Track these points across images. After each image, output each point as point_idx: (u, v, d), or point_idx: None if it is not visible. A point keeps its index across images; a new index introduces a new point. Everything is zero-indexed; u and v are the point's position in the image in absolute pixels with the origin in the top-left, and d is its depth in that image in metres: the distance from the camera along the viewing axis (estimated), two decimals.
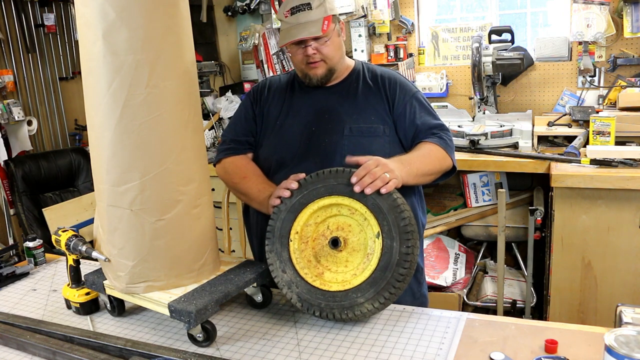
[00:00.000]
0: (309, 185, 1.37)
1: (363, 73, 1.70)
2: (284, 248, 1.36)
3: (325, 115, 1.65)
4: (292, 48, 1.62)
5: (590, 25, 3.01)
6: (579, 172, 2.40)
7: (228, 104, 3.87)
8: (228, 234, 2.67)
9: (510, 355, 1.16)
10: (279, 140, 1.67)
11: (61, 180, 3.33)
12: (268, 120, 1.71)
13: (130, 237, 1.31)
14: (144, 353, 1.22)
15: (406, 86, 1.68)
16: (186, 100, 1.32)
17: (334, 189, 1.35)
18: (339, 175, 1.35)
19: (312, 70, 1.62)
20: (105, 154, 1.27)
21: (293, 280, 1.34)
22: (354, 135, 1.60)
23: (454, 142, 1.67)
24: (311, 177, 1.38)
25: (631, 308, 1.19)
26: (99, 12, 1.19)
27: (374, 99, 1.65)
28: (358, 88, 1.67)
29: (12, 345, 1.34)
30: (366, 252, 1.33)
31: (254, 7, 3.95)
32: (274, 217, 1.39)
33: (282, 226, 1.37)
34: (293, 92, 1.72)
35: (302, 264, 1.36)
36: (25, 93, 3.44)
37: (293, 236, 1.36)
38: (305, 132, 1.64)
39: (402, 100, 1.64)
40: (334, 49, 1.62)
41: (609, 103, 3.03)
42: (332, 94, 1.67)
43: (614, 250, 2.41)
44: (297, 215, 1.37)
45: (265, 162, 1.68)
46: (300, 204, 1.37)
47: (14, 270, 1.75)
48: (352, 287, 1.30)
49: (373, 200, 1.31)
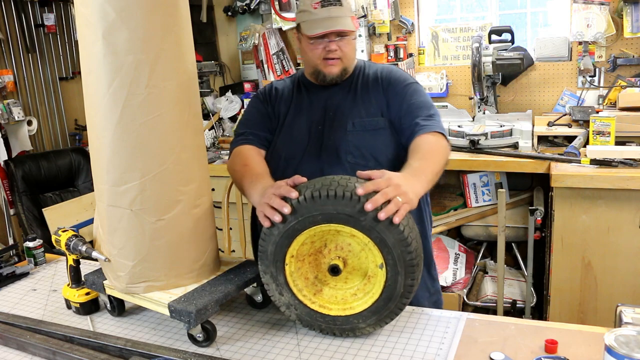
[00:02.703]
0: (303, 211, 1.20)
1: (362, 70, 1.71)
2: (280, 272, 1.27)
3: (330, 112, 1.65)
4: (312, 42, 1.59)
5: (590, 25, 3.01)
6: (579, 172, 2.40)
7: (228, 104, 3.87)
8: (228, 234, 2.67)
9: (510, 355, 1.16)
10: (288, 138, 1.67)
11: (61, 180, 3.33)
12: (278, 119, 1.71)
13: (130, 237, 1.31)
14: (144, 353, 1.22)
15: (401, 76, 1.68)
16: (186, 100, 1.32)
17: (332, 218, 1.20)
18: (339, 202, 1.17)
19: (328, 68, 1.61)
20: (105, 154, 1.27)
21: (291, 302, 1.29)
22: (357, 130, 1.60)
23: (451, 142, 1.67)
24: (306, 199, 1.19)
25: (631, 308, 1.19)
26: (99, 12, 1.18)
27: (372, 92, 1.65)
28: (358, 83, 1.68)
29: (12, 345, 1.34)
30: (367, 273, 1.26)
31: (254, 7, 3.94)
32: (266, 240, 1.25)
33: (276, 251, 1.25)
34: (299, 92, 1.72)
35: (299, 286, 1.29)
36: (25, 93, 3.44)
37: (289, 260, 1.26)
38: (312, 130, 1.65)
39: (396, 88, 1.64)
40: (352, 49, 1.63)
41: (609, 103, 3.03)
42: (335, 92, 1.68)
43: (614, 250, 2.41)
44: (292, 241, 1.24)
45: (273, 159, 1.66)
46: (294, 231, 1.22)
47: (14, 270, 1.75)
48: (353, 314, 1.26)
49: (377, 234, 1.18)
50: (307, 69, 1.71)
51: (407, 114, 1.59)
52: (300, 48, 1.68)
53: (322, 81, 1.65)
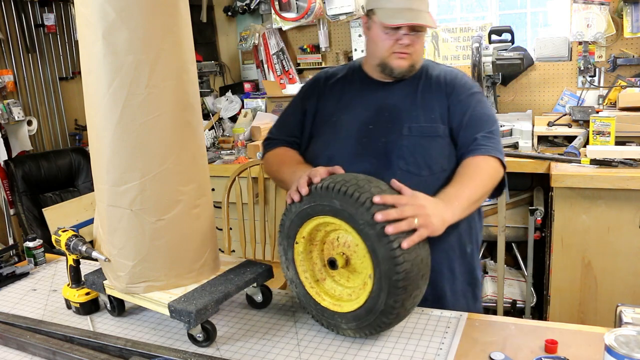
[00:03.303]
0: (316, 198, 1.24)
1: (426, 70, 1.59)
2: (290, 248, 1.33)
3: (385, 112, 1.54)
4: (387, 32, 1.48)
5: (590, 25, 3.01)
6: (579, 172, 2.40)
7: (228, 104, 3.87)
8: (228, 234, 2.67)
9: (510, 355, 1.16)
10: (333, 137, 1.56)
11: (61, 180, 3.33)
12: (322, 115, 1.61)
13: (130, 237, 1.31)
14: (144, 353, 1.22)
15: (466, 82, 1.57)
16: (186, 100, 1.32)
17: (337, 213, 1.21)
18: (346, 199, 1.18)
19: (398, 61, 1.50)
20: (105, 154, 1.26)
21: (294, 280, 1.34)
22: (413, 135, 1.49)
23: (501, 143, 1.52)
24: (321, 188, 1.23)
25: (631, 308, 1.19)
26: (99, 12, 1.18)
27: (434, 96, 1.54)
28: (419, 85, 1.56)
29: (12, 345, 1.34)
30: (364, 280, 1.24)
31: (254, 7, 3.95)
32: (286, 214, 1.31)
33: (290, 226, 1.30)
34: (352, 86, 1.61)
35: (304, 267, 1.33)
36: (25, 93, 3.44)
37: (299, 239, 1.31)
38: (362, 129, 1.53)
39: (459, 96, 1.53)
40: (422, 46, 1.56)
41: (609, 103, 3.03)
42: (393, 91, 1.56)
43: (614, 250, 2.41)
44: (303, 222, 1.28)
45: (314, 159, 1.56)
46: (306, 214, 1.26)
47: (14, 270, 1.75)
48: (339, 312, 1.27)
49: (370, 243, 1.17)
50: (370, 60, 1.58)
51: (468, 126, 1.49)
52: (369, 36, 1.56)
53: (389, 75, 1.54)
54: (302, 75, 3.96)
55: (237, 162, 3.12)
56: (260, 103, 3.82)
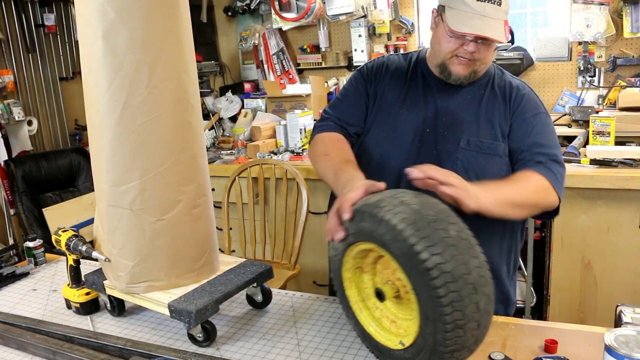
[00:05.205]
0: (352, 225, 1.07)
1: (493, 79, 1.48)
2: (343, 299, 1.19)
3: (444, 118, 1.44)
4: (452, 34, 1.38)
5: (590, 26, 3.01)
6: (579, 172, 2.40)
7: (228, 104, 3.88)
8: (228, 234, 2.67)
9: (510, 355, 1.16)
10: (389, 134, 1.46)
11: (61, 180, 3.33)
12: (382, 104, 1.50)
13: (130, 237, 1.31)
14: (144, 353, 1.23)
15: (534, 102, 1.46)
16: (186, 101, 1.32)
17: (371, 237, 1.03)
18: (381, 225, 0.99)
19: (458, 67, 1.40)
20: (105, 154, 1.27)
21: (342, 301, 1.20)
22: (471, 149, 1.40)
23: (562, 175, 1.40)
24: None
25: (631, 308, 1.19)
26: (99, 12, 1.19)
27: (498, 111, 1.44)
28: (484, 95, 1.46)
29: (12, 345, 1.34)
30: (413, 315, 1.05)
31: (254, 7, 3.95)
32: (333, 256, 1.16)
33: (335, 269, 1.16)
34: (414, 80, 1.50)
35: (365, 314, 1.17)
36: (25, 93, 3.44)
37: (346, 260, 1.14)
38: (419, 131, 1.44)
39: (524, 115, 1.43)
40: (489, 56, 1.42)
41: (608, 103, 3.03)
42: (456, 95, 1.46)
43: (614, 250, 2.41)
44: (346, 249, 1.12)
45: (366, 154, 1.47)
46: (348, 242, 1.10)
47: (14, 270, 1.75)
48: (362, 329, 1.16)
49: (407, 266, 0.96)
50: (432, 57, 1.48)
51: (529, 149, 1.39)
52: (434, 32, 1.46)
53: (446, 78, 1.44)
54: (302, 76, 3.96)
55: (237, 162, 3.13)
56: (260, 103, 3.82)
